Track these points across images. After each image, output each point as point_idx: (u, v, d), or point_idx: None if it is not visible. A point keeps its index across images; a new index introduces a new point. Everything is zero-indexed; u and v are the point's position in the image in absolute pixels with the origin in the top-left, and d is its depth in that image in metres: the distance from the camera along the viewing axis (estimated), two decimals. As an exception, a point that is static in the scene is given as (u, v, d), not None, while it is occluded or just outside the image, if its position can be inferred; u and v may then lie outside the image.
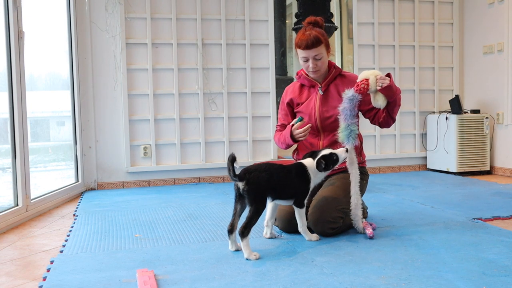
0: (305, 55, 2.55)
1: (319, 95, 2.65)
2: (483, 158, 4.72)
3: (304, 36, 2.53)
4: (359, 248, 2.22)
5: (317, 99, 2.64)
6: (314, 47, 2.51)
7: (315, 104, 2.64)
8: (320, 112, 2.62)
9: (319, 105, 2.63)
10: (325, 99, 2.63)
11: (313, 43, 2.51)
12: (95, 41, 4.25)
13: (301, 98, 2.70)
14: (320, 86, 2.65)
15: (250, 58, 4.61)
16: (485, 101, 4.85)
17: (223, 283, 1.81)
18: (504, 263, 1.97)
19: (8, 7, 3.04)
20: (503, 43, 4.57)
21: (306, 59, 2.56)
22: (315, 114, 2.63)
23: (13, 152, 3.06)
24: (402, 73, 5.03)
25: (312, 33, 2.52)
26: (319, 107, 2.63)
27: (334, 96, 2.62)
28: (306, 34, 2.53)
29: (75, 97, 4.15)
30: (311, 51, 2.52)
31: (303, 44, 2.52)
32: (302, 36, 2.54)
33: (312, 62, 2.55)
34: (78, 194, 4.07)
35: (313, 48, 2.51)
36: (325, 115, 2.61)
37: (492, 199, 3.38)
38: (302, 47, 2.53)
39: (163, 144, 4.46)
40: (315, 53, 2.53)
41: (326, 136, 2.64)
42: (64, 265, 2.10)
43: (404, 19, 5.01)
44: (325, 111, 2.61)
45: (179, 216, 3.06)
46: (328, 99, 2.63)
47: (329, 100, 2.62)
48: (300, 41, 2.54)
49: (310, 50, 2.52)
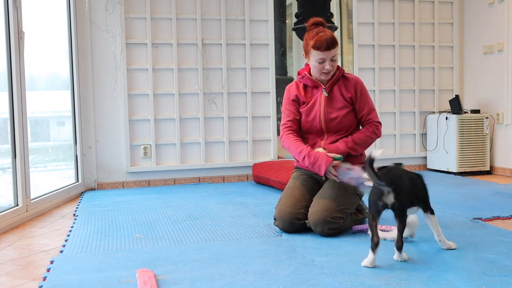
0: (324, 57, 2.49)
1: (324, 96, 2.62)
2: (483, 158, 4.71)
3: (321, 37, 2.46)
4: (359, 248, 2.22)
5: (322, 100, 2.62)
6: (333, 47, 2.48)
7: (319, 105, 2.62)
8: (325, 114, 2.60)
9: (324, 106, 2.61)
10: (330, 101, 2.61)
11: (333, 43, 2.47)
12: (95, 41, 4.25)
13: (306, 98, 2.67)
14: (324, 87, 2.62)
15: (250, 58, 4.61)
16: (485, 101, 4.85)
17: (223, 283, 1.81)
18: (504, 263, 1.97)
19: (8, 7, 3.04)
20: (503, 43, 4.57)
21: (323, 60, 2.50)
22: (320, 116, 2.61)
23: (13, 152, 3.06)
24: (402, 73, 5.03)
25: (327, 33, 2.48)
26: (324, 109, 2.61)
27: (338, 98, 2.61)
28: (321, 35, 2.47)
29: (75, 97, 4.15)
30: (330, 52, 2.48)
31: (324, 45, 2.46)
32: (319, 37, 2.47)
33: (329, 63, 2.51)
34: (78, 194, 4.07)
35: (333, 48, 2.48)
36: (330, 117, 2.60)
37: (492, 199, 3.38)
38: (322, 49, 2.46)
39: (163, 144, 4.46)
40: (333, 54, 2.49)
41: (329, 136, 2.63)
42: (64, 265, 2.10)
43: (404, 19, 5.01)
44: (330, 113, 2.60)
45: (179, 216, 3.06)
46: (332, 100, 2.61)
47: (333, 101, 2.61)
48: (319, 42, 2.46)
49: (330, 51, 2.48)
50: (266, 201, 3.49)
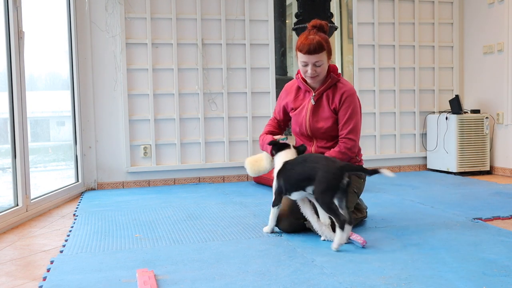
0: (305, 60, 2.48)
1: (311, 104, 2.60)
2: (483, 158, 4.71)
3: (307, 40, 2.45)
4: (359, 248, 2.22)
5: (309, 108, 2.61)
6: (316, 53, 2.44)
7: (306, 114, 2.61)
8: (310, 123, 2.60)
9: (309, 115, 2.60)
10: (316, 110, 2.59)
11: (315, 48, 2.43)
12: (95, 41, 4.25)
13: (296, 103, 2.67)
14: (313, 95, 2.60)
15: (250, 58, 4.61)
16: (485, 101, 4.85)
17: (223, 283, 1.81)
18: (504, 263, 1.97)
19: (8, 7, 3.04)
20: (503, 43, 4.57)
21: (305, 63, 2.49)
22: (306, 124, 2.61)
23: (13, 152, 3.06)
24: (402, 73, 5.03)
25: (315, 38, 2.45)
26: (310, 118, 2.60)
27: (324, 107, 2.58)
28: (309, 38, 2.45)
29: (75, 97, 4.15)
30: (312, 56, 2.45)
31: (305, 49, 2.45)
32: (304, 40, 2.46)
33: (311, 68, 2.48)
34: (78, 194, 4.07)
35: (315, 54, 2.45)
36: (315, 126, 2.59)
37: (492, 199, 3.38)
38: (303, 51, 2.46)
39: (163, 144, 4.46)
40: (316, 59, 2.46)
41: (318, 142, 2.64)
42: (64, 265, 2.10)
43: (404, 19, 5.01)
44: (315, 122, 2.59)
45: (179, 216, 3.06)
46: (318, 109, 2.59)
47: (319, 111, 2.59)
48: (302, 45, 2.46)
49: (311, 56, 2.45)
50: (266, 201, 3.49)
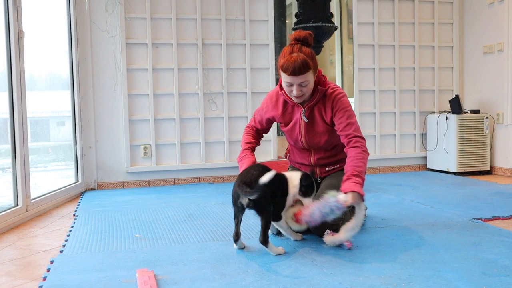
0: (290, 81, 2.27)
1: (303, 122, 2.46)
2: (483, 158, 4.71)
3: (291, 59, 2.21)
4: (359, 248, 2.22)
5: (302, 126, 2.48)
6: (301, 73, 2.23)
7: (300, 131, 2.50)
8: (306, 139, 2.51)
9: (304, 133, 2.49)
10: (310, 126, 2.47)
11: (300, 69, 2.21)
12: (95, 41, 4.25)
13: (285, 118, 2.51)
14: (304, 110, 2.44)
15: (250, 58, 4.61)
16: (485, 101, 4.85)
17: (223, 283, 1.81)
18: (504, 263, 1.97)
19: (8, 7, 3.04)
20: (503, 43, 4.57)
21: (290, 84, 2.29)
22: (301, 140, 2.53)
23: (13, 152, 3.06)
24: (402, 73, 5.03)
25: (300, 57, 2.22)
26: (305, 135, 2.50)
27: (318, 122, 2.46)
28: (293, 56, 2.22)
29: (75, 97, 4.15)
30: (297, 78, 2.24)
31: (289, 70, 2.22)
32: (289, 58, 2.23)
33: (297, 88, 2.28)
34: (78, 194, 4.07)
35: (300, 75, 2.23)
36: (312, 141, 2.52)
37: (492, 199, 3.38)
38: (287, 73, 2.24)
39: (163, 144, 4.45)
40: (301, 80, 2.25)
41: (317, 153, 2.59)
42: (64, 265, 2.10)
43: (404, 19, 5.01)
44: (311, 138, 2.51)
45: (179, 216, 3.06)
46: (313, 125, 2.47)
47: (314, 126, 2.47)
48: (286, 64, 2.23)
49: (297, 77, 2.24)
50: (266, 201, 3.48)
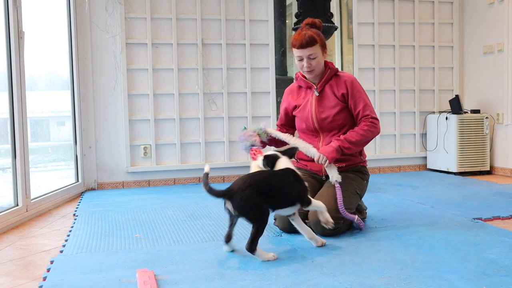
0: (300, 54, 2.57)
1: (315, 96, 2.67)
2: (483, 158, 4.71)
3: (300, 35, 2.56)
4: (359, 248, 2.22)
5: (313, 100, 2.68)
6: (308, 46, 2.54)
7: (311, 106, 2.67)
8: (316, 113, 2.65)
9: (315, 106, 2.66)
10: (321, 100, 2.66)
11: (308, 42, 2.53)
12: (95, 41, 4.25)
13: (299, 100, 2.73)
14: (316, 87, 2.67)
15: (250, 58, 4.61)
16: (485, 101, 4.85)
17: (223, 283, 1.81)
18: (504, 263, 1.97)
19: (8, 7, 3.04)
20: (503, 43, 4.57)
21: (300, 58, 2.59)
22: (312, 116, 2.66)
23: (13, 152, 3.06)
24: (402, 73, 5.03)
25: (307, 33, 2.55)
26: (315, 109, 2.66)
27: (329, 96, 2.65)
28: (301, 34, 2.56)
29: (75, 97, 4.15)
30: (305, 50, 2.55)
31: (298, 43, 2.55)
32: (297, 35, 2.58)
33: (307, 61, 2.57)
34: (78, 194, 4.07)
35: (308, 47, 2.54)
36: (322, 116, 2.64)
37: (492, 199, 3.38)
38: (296, 46, 2.56)
39: (163, 144, 4.45)
40: (309, 52, 2.55)
41: (325, 136, 2.65)
42: (64, 265, 2.10)
43: (404, 19, 5.01)
44: (321, 112, 2.64)
45: (179, 216, 3.06)
46: (323, 100, 2.66)
47: (324, 101, 2.66)
48: (295, 40, 2.57)
49: (305, 49, 2.55)
50: (266, 201, 3.48)
